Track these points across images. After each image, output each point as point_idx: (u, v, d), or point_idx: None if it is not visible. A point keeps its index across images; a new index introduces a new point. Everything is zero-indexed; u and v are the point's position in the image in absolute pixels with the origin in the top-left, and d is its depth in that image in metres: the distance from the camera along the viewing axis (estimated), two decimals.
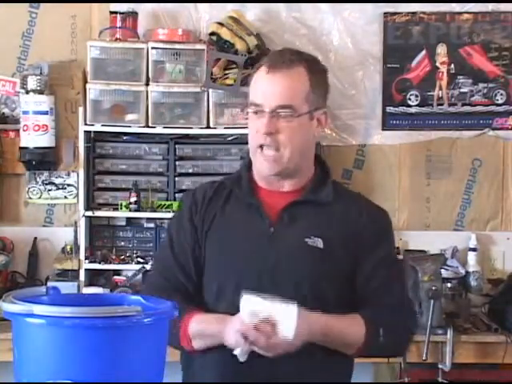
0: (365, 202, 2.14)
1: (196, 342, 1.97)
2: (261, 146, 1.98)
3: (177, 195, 3.95)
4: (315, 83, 2.00)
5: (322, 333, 1.90)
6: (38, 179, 4.14)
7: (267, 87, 1.97)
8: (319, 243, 1.99)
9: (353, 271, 2.01)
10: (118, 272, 3.99)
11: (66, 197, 4.16)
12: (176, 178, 3.98)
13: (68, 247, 3.96)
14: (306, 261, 1.99)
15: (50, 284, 3.75)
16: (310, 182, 2.07)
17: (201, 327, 1.96)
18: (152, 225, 4.04)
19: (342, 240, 2.01)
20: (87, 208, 3.92)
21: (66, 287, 3.65)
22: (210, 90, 3.83)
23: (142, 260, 3.91)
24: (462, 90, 4.25)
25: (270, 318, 1.81)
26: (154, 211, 3.90)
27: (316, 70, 2.03)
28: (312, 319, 1.89)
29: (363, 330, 1.94)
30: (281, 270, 1.96)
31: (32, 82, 3.88)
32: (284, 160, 1.98)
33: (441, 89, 4.25)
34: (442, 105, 4.26)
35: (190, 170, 3.97)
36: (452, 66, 4.24)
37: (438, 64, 4.25)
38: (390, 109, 4.26)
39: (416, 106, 4.26)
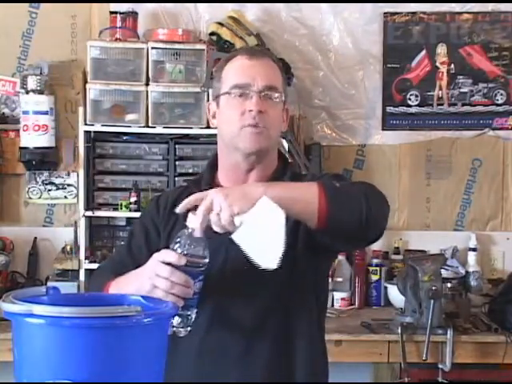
0: (312, 174, 2.17)
1: None
2: (245, 127, 1.96)
3: None
4: (283, 79, 2.05)
5: (266, 184, 1.80)
6: (38, 179, 4.14)
7: (254, 69, 1.98)
8: None
9: (312, 239, 1.92)
10: None
11: (66, 197, 4.16)
12: (176, 178, 3.98)
13: (68, 247, 3.96)
14: None
15: (49, 284, 3.75)
16: (270, 175, 2.05)
17: (119, 279, 1.90)
18: None
19: (292, 222, 1.90)
20: (87, 208, 3.92)
21: (66, 287, 3.65)
22: (210, 90, 3.83)
23: None
24: (461, 90, 4.25)
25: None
26: None
27: (282, 69, 2.07)
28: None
29: (315, 183, 1.82)
30: (243, 264, 1.83)
31: (32, 82, 3.88)
32: (268, 137, 1.97)
33: (441, 89, 4.26)
34: (442, 105, 4.26)
35: (190, 170, 3.97)
36: (452, 66, 4.25)
37: (438, 64, 4.25)
38: (390, 109, 4.26)
39: (416, 106, 4.26)
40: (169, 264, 1.71)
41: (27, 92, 3.89)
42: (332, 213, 1.77)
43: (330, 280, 3.95)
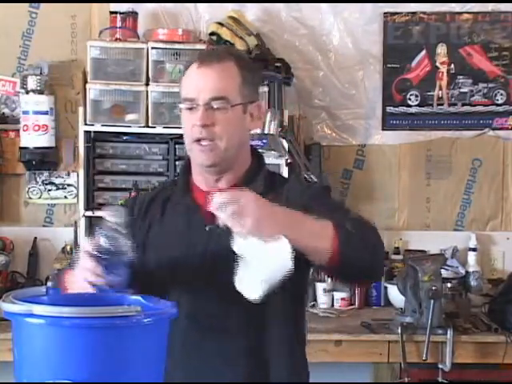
0: (296, 180, 2.17)
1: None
2: (197, 140, 1.97)
3: None
4: (246, 77, 2.00)
5: (286, 213, 1.79)
6: (38, 179, 4.14)
7: (199, 81, 1.98)
8: None
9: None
10: None
11: (66, 197, 4.16)
12: (176, 178, 3.97)
13: (68, 247, 3.97)
14: None
15: (49, 284, 3.74)
16: (243, 176, 2.04)
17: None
18: None
19: None
20: (87, 208, 3.92)
21: None
22: None
23: None
24: (461, 90, 4.25)
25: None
26: None
27: (245, 65, 2.03)
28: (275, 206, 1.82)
29: (329, 222, 1.82)
30: (219, 266, 1.87)
31: (32, 82, 3.88)
32: (220, 150, 1.96)
33: (441, 89, 4.26)
34: (442, 105, 4.26)
35: None
36: (452, 66, 4.24)
37: (438, 64, 4.25)
38: (390, 109, 4.26)
39: (416, 106, 4.26)
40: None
41: (27, 92, 3.89)
42: (342, 261, 1.79)
43: (326, 281, 3.95)
